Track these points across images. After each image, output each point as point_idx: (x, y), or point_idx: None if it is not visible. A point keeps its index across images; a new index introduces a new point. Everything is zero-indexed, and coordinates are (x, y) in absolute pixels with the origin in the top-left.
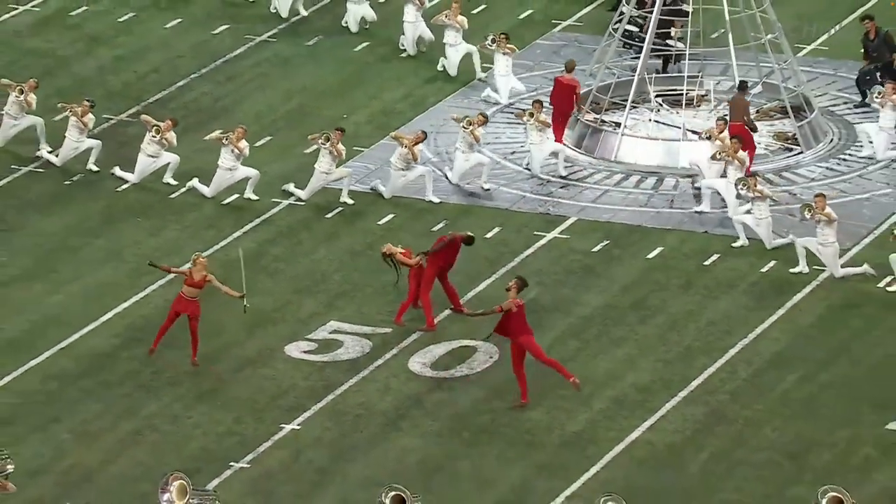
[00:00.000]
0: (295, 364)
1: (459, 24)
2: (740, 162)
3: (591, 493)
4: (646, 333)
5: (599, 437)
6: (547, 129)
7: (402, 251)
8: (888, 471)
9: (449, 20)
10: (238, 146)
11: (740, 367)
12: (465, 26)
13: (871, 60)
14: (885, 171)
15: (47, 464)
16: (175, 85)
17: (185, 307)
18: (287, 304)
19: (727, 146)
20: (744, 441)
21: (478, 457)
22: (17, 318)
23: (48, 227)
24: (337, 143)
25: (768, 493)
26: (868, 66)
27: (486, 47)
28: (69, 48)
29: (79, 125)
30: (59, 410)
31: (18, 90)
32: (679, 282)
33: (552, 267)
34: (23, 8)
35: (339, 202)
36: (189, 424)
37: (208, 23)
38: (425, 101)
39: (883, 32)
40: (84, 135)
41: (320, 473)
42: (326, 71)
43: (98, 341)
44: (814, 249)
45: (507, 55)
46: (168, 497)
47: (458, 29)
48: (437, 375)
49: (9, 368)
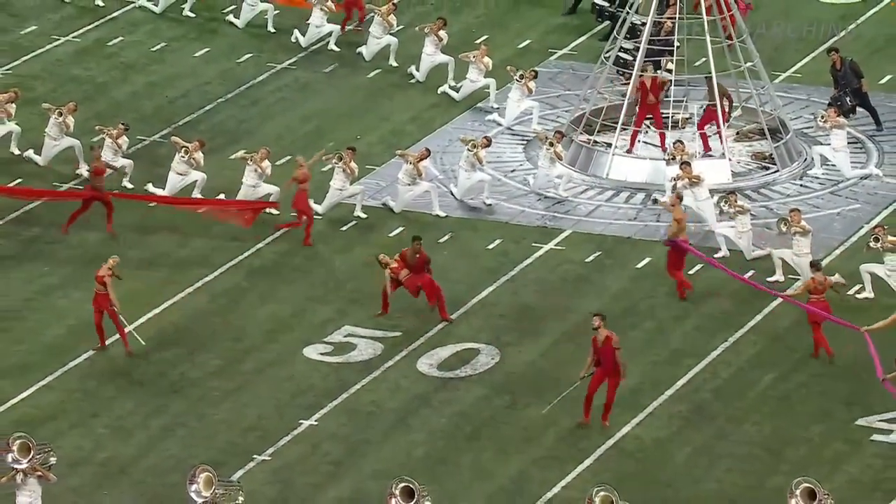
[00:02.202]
0: (312, 365)
1: (485, 66)
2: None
3: (584, 483)
4: (635, 337)
5: (592, 432)
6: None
7: (396, 262)
8: (857, 463)
9: (475, 60)
10: (261, 166)
11: (722, 367)
12: (489, 68)
13: (840, 88)
14: (855, 187)
15: (86, 456)
16: (203, 109)
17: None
18: (305, 310)
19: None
20: (725, 436)
21: (479, 451)
22: (59, 323)
23: (87, 240)
24: (350, 162)
25: (748, 484)
26: (838, 92)
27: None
28: (106, 75)
29: (113, 146)
30: (97, 407)
31: (58, 112)
32: (665, 290)
33: (549, 276)
34: (64, 39)
35: (353, 216)
36: (215, 421)
37: (234, 52)
38: (432, 123)
39: (848, 61)
40: (118, 155)
41: (335, 465)
42: (341, 96)
43: (132, 344)
44: (789, 260)
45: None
46: (195, 488)
47: (482, 70)
48: (442, 376)
49: (51, 369)
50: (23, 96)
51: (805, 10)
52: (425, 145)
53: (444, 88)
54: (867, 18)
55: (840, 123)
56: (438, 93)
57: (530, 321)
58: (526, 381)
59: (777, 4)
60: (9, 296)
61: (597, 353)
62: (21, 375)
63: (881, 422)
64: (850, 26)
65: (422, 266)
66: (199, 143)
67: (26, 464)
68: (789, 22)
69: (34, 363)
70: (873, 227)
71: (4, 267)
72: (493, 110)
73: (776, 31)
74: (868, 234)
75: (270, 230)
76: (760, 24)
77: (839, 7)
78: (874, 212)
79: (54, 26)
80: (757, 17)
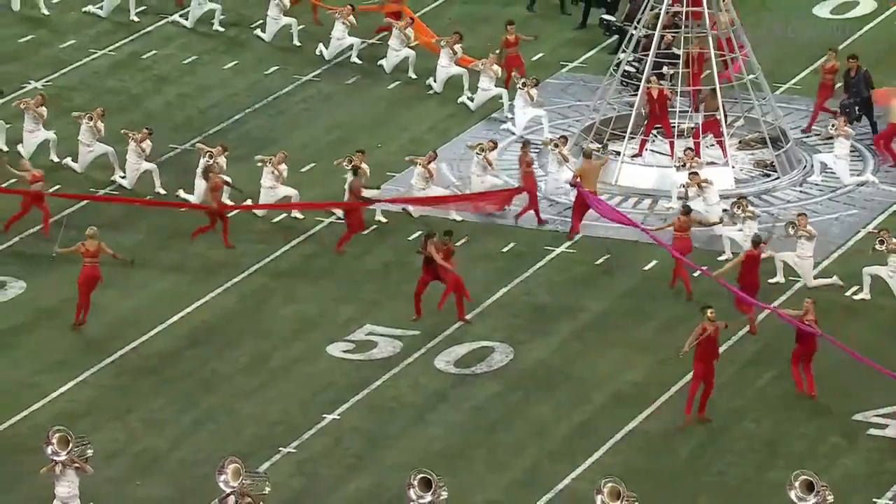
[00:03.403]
0: (335, 362)
1: (494, 73)
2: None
3: (594, 475)
4: (642, 336)
5: (601, 427)
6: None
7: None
8: (852, 456)
9: (484, 67)
10: (278, 168)
11: (724, 365)
12: (498, 75)
13: (850, 95)
14: (852, 194)
15: (121, 448)
16: (232, 118)
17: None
18: (328, 310)
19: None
20: (727, 430)
21: (494, 444)
22: (96, 321)
23: (122, 242)
24: (360, 164)
25: (748, 476)
26: (847, 99)
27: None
28: (140, 87)
29: (137, 150)
30: (131, 402)
31: (88, 117)
32: (671, 291)
33: (560, 277)
34: (101, 52)
35: (374, 220)
36: (243, 415)
37: (261, 65)
38: (449, 132)
39: (863, 71)
40: (142, 158)
41: (357, 458)
42: (363, 106)
43: (164, 342)
44: (791, 262)
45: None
46: (224, 478)
47: (492, 77)
48: (459, 372)
49: (89, 365)
50: (61, 106)
51: (804, 26)
52: (444, 154)
53: (462, 99)
54: (862, 35)
55: (847, 133)
56: (458, 103)
57: (542, 320)
58: (538, 377)
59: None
60: (49, 295)
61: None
62: (60, 371)
63: (876, 416)
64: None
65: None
66: (221, 149)
67: (65, 456)
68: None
69: (72, 360)
70: (878, 231)
71: (44, 267)
72: (507, 119)
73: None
74: (868, 237)
75: (296, 234)
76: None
77: (837, 23)
78: (870, 217)
79: (91, 40)
80: (759, 32)
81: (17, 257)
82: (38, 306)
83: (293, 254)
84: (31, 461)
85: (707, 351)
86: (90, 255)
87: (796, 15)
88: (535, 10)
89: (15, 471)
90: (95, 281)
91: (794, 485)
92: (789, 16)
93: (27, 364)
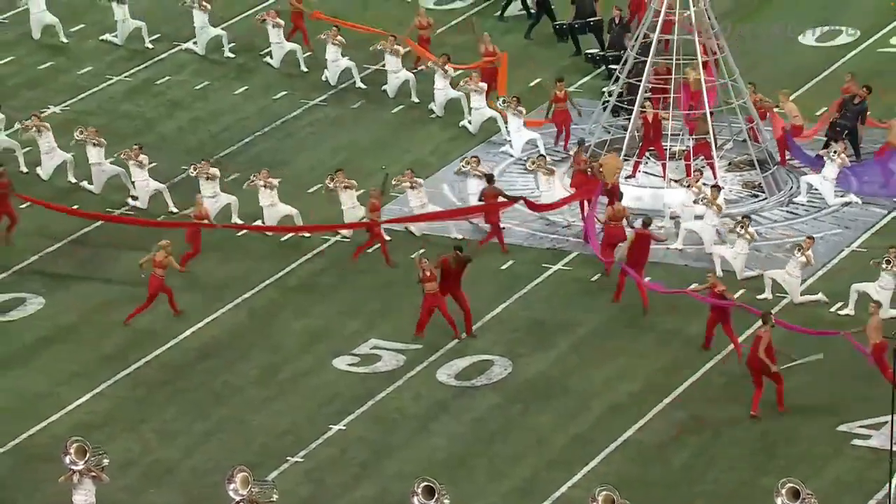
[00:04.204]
0: (341, 375)
1: (480, 89)
2: (718, 208)
3: (590, 483)
4: (637, 348)
5: (597, 436)
6: (553, 178)
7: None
8: (839, 465)
9: (471, 85)
10: (268, 182)
11: (716, 376)
12: (484, 89)
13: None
14: (837, 214)
15: (135, 458)
16: (242, 141)
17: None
18: (334, 325)
19: (705, 194)
20: (719, 440)
21: (494, 454)
22: (112, 335)
23: (137, 260)
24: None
25: (739, 485)
26: (840, 119)
27: (497, 108)
28: (154, 111)
29: (136, 165)
30: (146, 413)
31: (82, 133)
32: (664, 305)
33: (557, 293)
34: (116, 78)
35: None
36: (253, 426)
37: (270, 90)
38: (450, 154)
39: (865, 104)
40: (145, 170)
41: (362, 467)
42: (368, 130)
43: (178, 355)
44: (780, 280)
45: (517, 115)
46: (234, 487)
47: (481, 93)
48: (460, 385)
49: (105, 378)
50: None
51: (790, 54)
52: (444, 176)
53: (463, 123)
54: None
55: (843, 161)
56: (459, 126)
57: (540, 335)
58: (537, 389)
59: (764, 48)
60: (67, 311)
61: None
62: (78, 384)
63: (861, 427)
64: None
65: (461, 271)
66: (206, 163)
67: (82, 465)
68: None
69: (89, 373)
70: (887, 248)
71: (66, 285)
72: (506, 142)
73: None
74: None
75: (303, 252)
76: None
77: (822, 50)
78: (854, 236)
79: (108, 67)
80: (746, 61)
81: (36, 274)
82: (56, 322)
83: (300, 271)
84: (50, 470)
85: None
86: (159, 265)
87: (782, 44)
88: (532, 38)
89: (34, 479)
90: (163, 291)
91: (780, 492)
92: (776, 44)
93: (46, 377)
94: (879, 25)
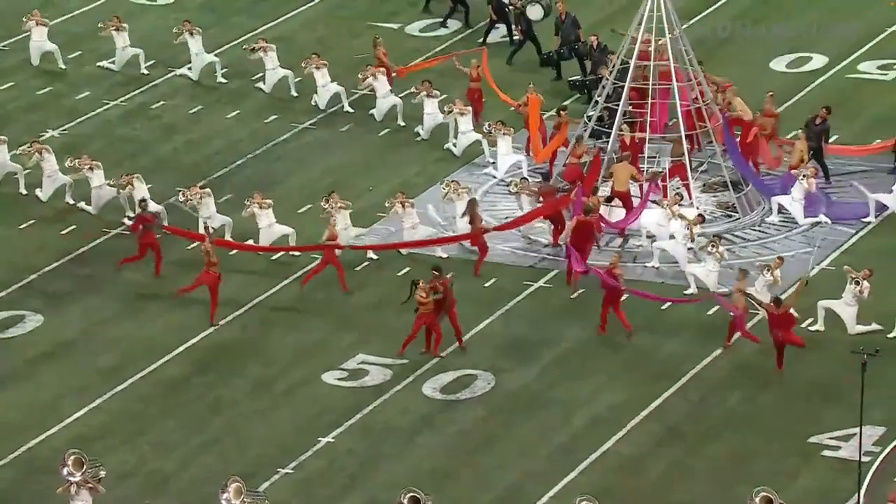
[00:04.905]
0: (331, 389)
1: (465, 112)
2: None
3: (571, 494)
4: (616, 364)
5: (578, 448)
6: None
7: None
8: (810, 475)
9: (456, 109)
10: (262, 203)
11: (692, 391)
12: (469, 112)
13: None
14: (807, 233)
15: (132, 469)
16: (235, 163)
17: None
18: (324, 341)
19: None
20: (694, 451)
21: (478, 465)
22: (109, 351)
23: (134, 278)
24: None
25: (713, 494)
26: None
27: (486, 133)
28: (150, 135)
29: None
30: (142, 426)
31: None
32: (642, 322)
33: (539, 310)
34: (113, 103)
35: (367, 257)
36: (246, 437)
37: (261, 114)
38: (436, 176)
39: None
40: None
41: (351, 478)
42: (356, 152)
43: (174, 369)
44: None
45: (506, 136)
46: (227, 496)
47: (468, 115)
48: (445, 398)
49: (102, 391)
50: (76, 153)
51: (762, 80)
52: (430, 196)
53: (448, 145)
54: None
55: (811, 184)
56: (444, 148)
57: (523, 350)
58: (519, 403)
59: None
60: (65, 327)
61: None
62: (76, 398)
63: (830, 439)
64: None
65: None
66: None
67: (80, 476)
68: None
69: (88, 387)
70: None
71: (64, 303)
72: (489, 164)
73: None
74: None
75: (294, 270)
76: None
77: (792, 76)
78: (823, 254)
79: (105, 92)
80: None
81: (35, 292)
82: (55, 338)
83: (291, 289)
84: (51, 482)
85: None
86: (211, 263)
87: (754, 69)
88: (514, 63)
89: (36, 491)
90: (216, 282)
91: (754, 500)
92: (746, 70)
93: (46, 391)
94: (847, 53)
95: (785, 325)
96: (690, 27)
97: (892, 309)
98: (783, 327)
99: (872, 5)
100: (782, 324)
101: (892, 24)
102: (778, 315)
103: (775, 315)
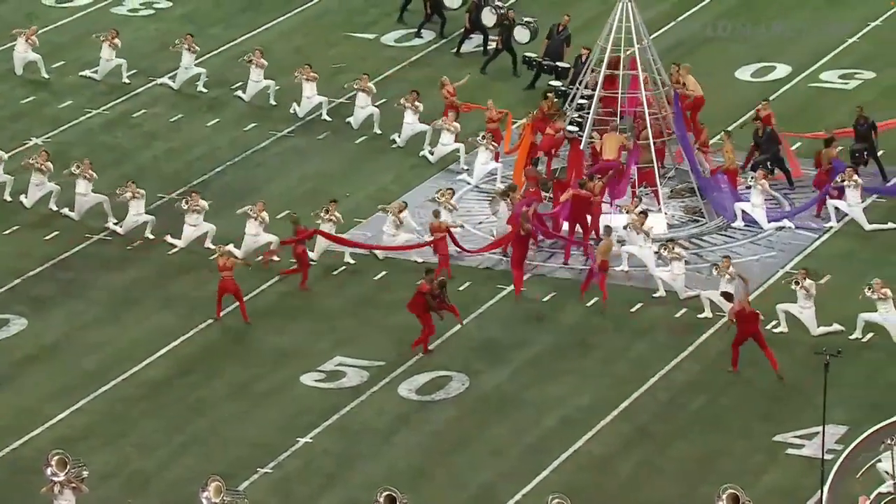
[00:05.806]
0: (308, 390)
1: (454, 129)
2: (646, 233)
3: (542, 492)
4: (587, 365)
5: (550, 448)
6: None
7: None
8: (774, 473)
9: (446, 124)
10: (261, 216)
11: (660, 392)
12: (458, 130)
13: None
14: (771, 237)
15: (114, 470)
16: (214, 170)
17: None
18: (302, 344)
19: (637, 219)
20: (663, 451)
21: (453, 464)
22: (92, 354)
23: (116, 283)
24: (333, 212)
25: (682, 492)
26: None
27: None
28: (131, 142)
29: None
30: (124, 427)
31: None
32: (612, 324)
33: (512, 313)
34: (96, 111)
35: (343, 262)
36: (226, 438)
37: (240, 122)
38: (411, 183)
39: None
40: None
41: (329, 478)
42: (333, 159)
43: (155, 372)
44: (716, 300)
45: (490, 150)
46: (206, 495)
47: (453, 132)
48: (420, 399)
49: (85, 394)
50: (59, 161)
51: (728, 89)
52: (404, 201)
53: (423, 153)
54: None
55: (764, 186)
56: (419, 156)
57: (496, 352)
58: (492, 403)
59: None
60: (49, 331)
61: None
62: (60, 399)
63: (794, 437)
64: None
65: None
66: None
67: (63, 476)
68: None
69: (71, 389)
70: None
71: (48, 307)
72: (463, 171)
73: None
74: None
75: (273, 274)
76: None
77: (759, 85)
78: (787, 259)
79: (87, 101)
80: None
81: (19, 296)
82: (39, 341)
83: (270, 293)
84: (37, 482)
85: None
86: (225, 269)
87: (719, 78)
88: (488, 72)
89: (19, 490)
90: (232, 290)
91: (721, 497)
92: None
93: (30, 393)
94: (810, 63)
95: (751, 321)
96: (659, 37)
97: (853, 311)
98: (750, 322)
99: (840, 15)
100: (749, 320)
101: (853, 35)
102: (748, 313)
103: (744, 312)
